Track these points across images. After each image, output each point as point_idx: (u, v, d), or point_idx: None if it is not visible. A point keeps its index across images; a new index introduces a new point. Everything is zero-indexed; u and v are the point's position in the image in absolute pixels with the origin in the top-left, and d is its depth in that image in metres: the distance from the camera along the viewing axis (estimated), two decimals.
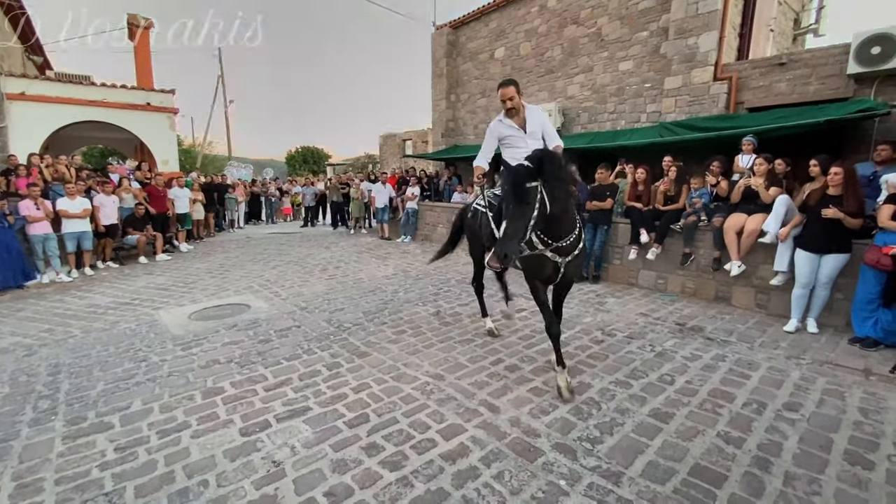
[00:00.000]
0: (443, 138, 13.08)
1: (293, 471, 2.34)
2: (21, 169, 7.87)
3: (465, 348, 3.98)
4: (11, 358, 4.08)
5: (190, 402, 3.08)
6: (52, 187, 7.72)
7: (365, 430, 2.70)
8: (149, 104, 12.04)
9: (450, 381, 3.33)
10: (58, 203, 7.22)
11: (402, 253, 8.86)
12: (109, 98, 11.51)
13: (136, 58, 13.41)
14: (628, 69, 8.82)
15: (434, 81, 13.19)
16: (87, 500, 2.17)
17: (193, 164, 19.56)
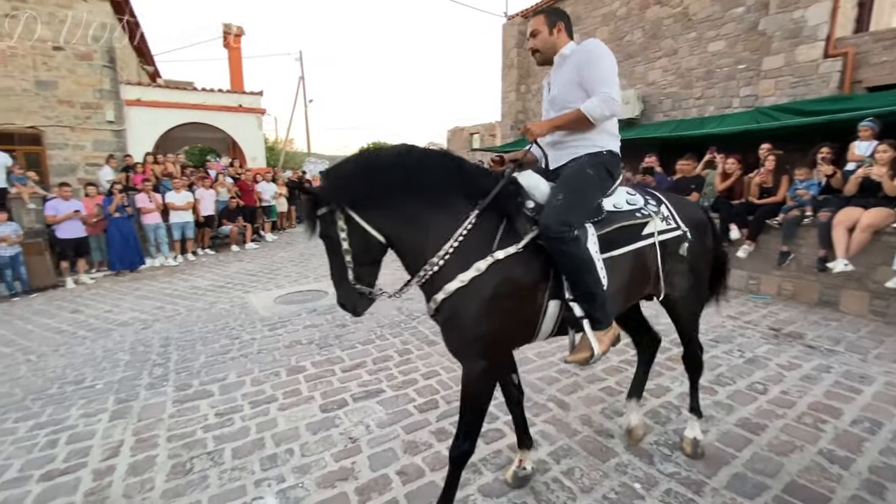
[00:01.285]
0: (512, 130, 12.90)
1: (368, 448, 2.47)
2: (137, 167, 8.99)
3: (533, 343, 3.91)
4: (131, 330, 4.70)
5: (276, 378, 3.37)
6: (161, 182, 8.73)
7: (434, 416, 2.77)
8: (240, 106, 13.14)
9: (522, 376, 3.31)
10: (166, 196, 8.17)
11: None
12: (208, 101, 12.73)
13: (229, 63, 14.69)
14: (719, 50, 8.08)
15: (504, 73, 13.03)
16: (193, 456, 2.46)
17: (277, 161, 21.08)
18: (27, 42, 10.13)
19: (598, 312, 1.77)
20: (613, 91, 1.87)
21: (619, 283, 1.92)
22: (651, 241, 2.02)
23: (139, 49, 14.61)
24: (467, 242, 1.70)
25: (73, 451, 2.58)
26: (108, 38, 10.93)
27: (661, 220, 2.07)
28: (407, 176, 1.70)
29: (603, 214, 1.93)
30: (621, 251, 1.93)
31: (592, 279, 1.75)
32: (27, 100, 10.28)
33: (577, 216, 1.79)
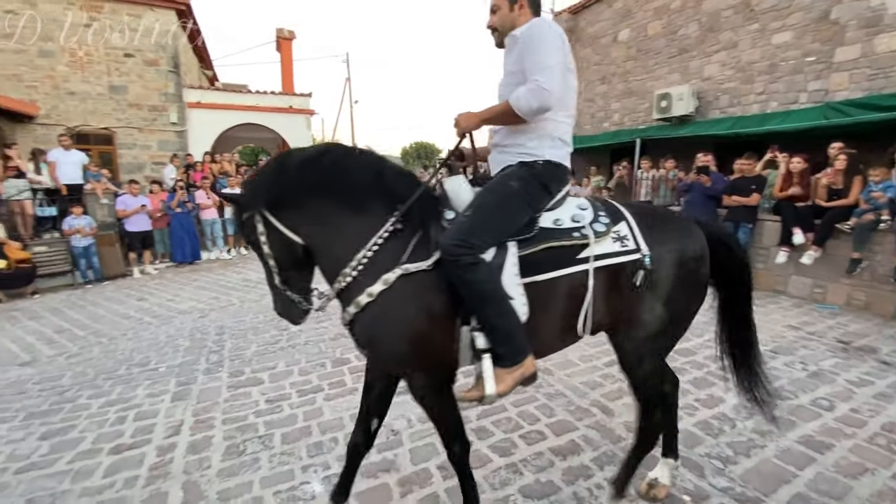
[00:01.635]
0: None
1: (409, 441, 2.51)
2: (197, 165, 9.56)
3: (575, 346, 3.82)
4: (190, 318, 5.02)
5: (322, 369, 3.49)
6: (218, 180, 9.24)
7: (474, 414, 2.77)
8: (291, 107, 13.68)
9: (559, 377, 3.26)
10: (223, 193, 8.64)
11: None
12: (261, 103, 13.34)
13: (281, 66, 15.31)
14: (784, 41, 7.56)
15: None
16: (245, 439, 2.60)
17: None
18: (102, 50, 11.01)
19: (502, 348, 1.54)
20: (546, 80, 1.55)
21: (548, 315, 1.64)
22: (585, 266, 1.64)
23: (200, 54, 15.54)
24: (381, 253, 1.58)
25: (139, 428, 2.79)
26: (172, 45, 11.69)
27: (614, 240, 1.68)
28: (322, 176, 1.60)
29: (533, 232, 1.65)
30: (547, 276, 1.62)
31: (495, 310, 1.52)
32: (101, 103, 11.18)
33: (481, 237, 1.55)
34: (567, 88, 1.71)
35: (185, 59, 12.83)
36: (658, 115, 9.08)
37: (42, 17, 10.38)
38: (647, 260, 1.66)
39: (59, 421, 2.94)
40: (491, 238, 1.59)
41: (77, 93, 10.93)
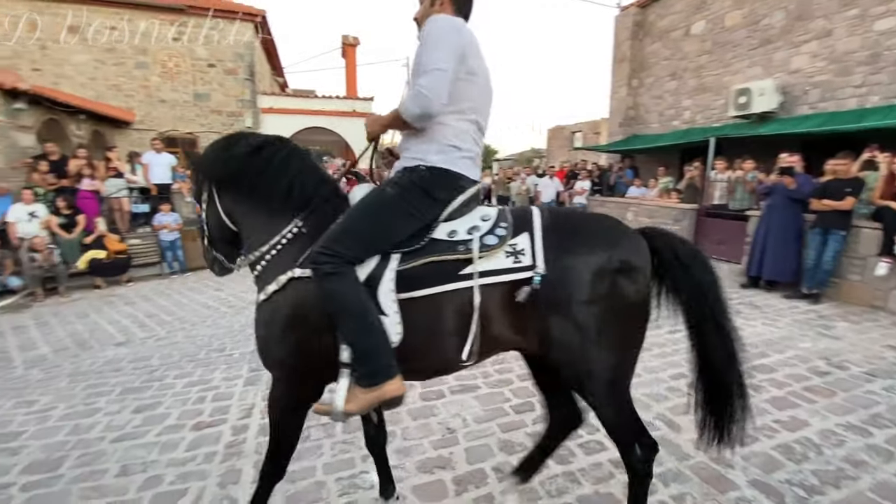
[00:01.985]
0: (620, 128, 12.16)
1: (464, 440, 2.53)
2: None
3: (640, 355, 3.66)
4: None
5: None
6: None
7: (531, 419, 2.74)
8: (354, 111, 14.22)
9: None
10: None
11: None
12: (327, 108, 14.00)
13: (346, 71, 15.97)
14: (889, 28, 6.75)
15: (614, 67, 12.32)
16: (309, 426, 2.73)
17: None
18: (189, 61, 12.07)
19: (359, 366, 1.46)
20: (428, 84, 1.43)
21: (425, 335, 1.51)
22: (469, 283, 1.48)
23: (273, 62, 16.57)
24: (282, 253, 1.59)
25: (216, 408, 3.02)
26: (249, 55, 12.57)
27: (508, 255, 1.51)
28: (256, 170, 1.66)
29: (421, 244, 1.53)
30: (424, 293, 1.49)
31: (355, 325, 1.43)
32: (187, 110, 12.27)
33: (347, 245, 1.48)
34: (462, 91, 1.55)
35: (260, 67, 13.75)
36: (735, 111, 8.45)
37: (138, 32, 11.57)
38: (537, 278, 1.46)
39: (149, 397, 3.26)
40: (359, 247, 1.50)
41: (167, 100, 12.08)
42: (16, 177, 7.49)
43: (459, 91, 1.54)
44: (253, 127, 12.78)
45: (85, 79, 11.38)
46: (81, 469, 2.42)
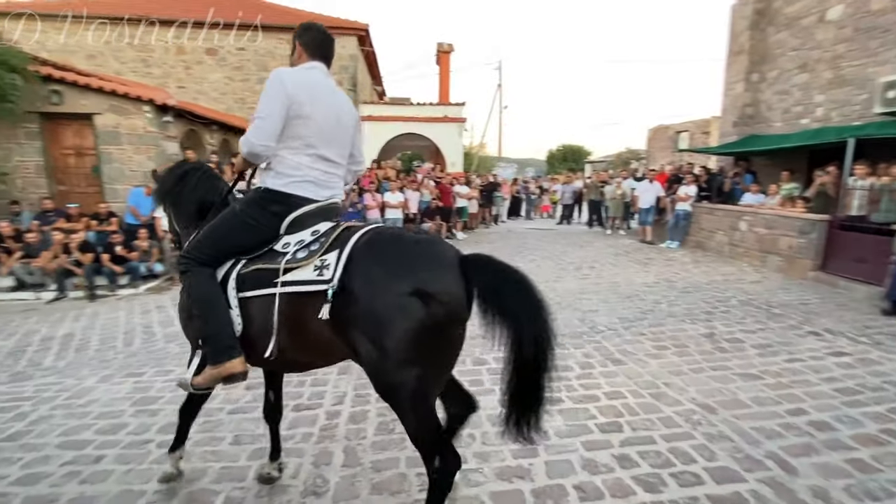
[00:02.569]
0: (735, 127, 10.97)
1: (545, 454, 2.47)
2: (365, 171, 10.88)
3: (748, 384, 3.28)
4: None
5: (462, 365, 3.65)
6: (382, 184, 10.38)
7: (618, 440, 2.59)
8: (445, 116, 14.60)
9: (724, 418, 2.83)
10: (385, 196, 9.68)
11: (667, 260, 7.97)
12: (420, 114, 14.55)
13: (439, 78, 16.46)
14: None
15: (730, 61, 11.15)
16: (393, 419, 2.85)
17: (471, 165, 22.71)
18: None
19: (207, 347, 1.82)
20: (252, 131, 1.77)
21: (255, 328, 1.79)
22: (274, 290, 1.72)
23: (373, 72, 17.63)
24: None
25: (313, 393, 3.30)
26: (353, 67, 13.53)
27: (315, 269, 1.67)
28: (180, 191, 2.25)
29: (262, 251, 1.85)
30: (253, 293, 1.79)
31: (201, 313, 1.81)
32: None
33: (199, 249, 1.89)
34: (295, 131, 1.83)
35: (361, 77, 14.72)
36: (882, 108, 7.18)
37: (261, 51, 13.05)
38: (330, 292, 1.59)
39: (258, 377, 3.64)
40: (207, 251, 1.88)
41: None
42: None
43: (292, 131, 1.84)
44: None
45: (218, 94, 13.13)
46: (203, 434, 2.80)
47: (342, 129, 1.99)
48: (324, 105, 1.90)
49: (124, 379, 3.75)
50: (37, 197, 8.23)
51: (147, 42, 12.75)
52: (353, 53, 13.49)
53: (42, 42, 12.19)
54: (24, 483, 2.40)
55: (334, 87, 2.03)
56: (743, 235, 7.92)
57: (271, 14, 13.64)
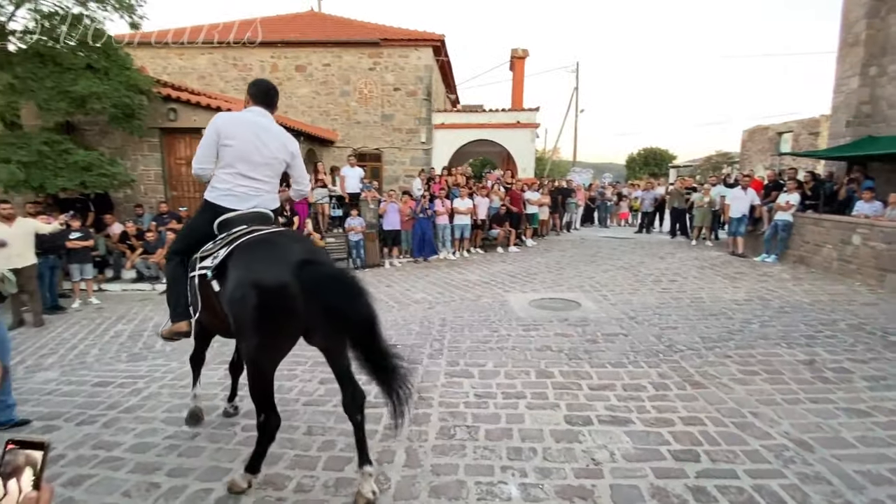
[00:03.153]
0: (848, 128, 9.66)
1: (610, 476, 2.35)
2: (436, 178, 11.12)
3: (854, 421, 2.87)
4: (421, 308, 5.89)
5: (526, 377, 3.59)
6: (452, 191, 10.54)
7: (693, 470, 2.40)
8: (518, 122, 14.47)
9: (823, 457, 2.50)
10: (454, 202, 9.82)
11: (761, 275, 7.20)
12: (492, 121, 14.57)
13: (512, 83, 16.37)
14: None
15: (842, 54, 9.86)
16: (455, 425, 2.91)
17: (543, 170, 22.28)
18: (379, 86, 13.98)
19: (170, 309, 2.55)
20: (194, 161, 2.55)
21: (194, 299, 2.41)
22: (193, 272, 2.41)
23: (447, 81, 18.01)
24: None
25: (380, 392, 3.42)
26: (428, 77, 13.93)
27: (212, 258, 2.29)
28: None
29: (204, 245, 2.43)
30: (191, 274, 2.42)
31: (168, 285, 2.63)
32: (375, 129, 14.22)
33: (173, 244, 2.72)
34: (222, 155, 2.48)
35: (435, 86, 15.09)
36: None
37: (344, 66, 13.90)
38: (209, 274, 2.26)
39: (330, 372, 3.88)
40: (177, 245, 2.64)
41: (361, 122, 14.21)
42: None
43: (221, 155, 2.48)
44: (426, 142, 14.12)
45: (304, 107, 14.18)
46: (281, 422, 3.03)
47: (267, 156, 2.53)
48: (246, 135, 2.46)
49: (218, 366, 4.18)
50: (155, 201, 9.46)
51: (248, 62, 14.14)
52: (428, 64, 13.88)
53: (164, 66, 14.04)
54: (136, 451, 2.77)
55: (268, 125, 2.56)
56: (856, 250, 6.93)
57: (353, 31, 14.50)
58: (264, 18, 15.74)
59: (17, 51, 7.82)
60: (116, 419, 3.20)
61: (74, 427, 3.12)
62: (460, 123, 14.60)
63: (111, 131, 9.15)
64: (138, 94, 8.39)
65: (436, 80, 15.19)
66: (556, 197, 13.27)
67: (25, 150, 7.29)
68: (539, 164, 25.10)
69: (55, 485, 2.46)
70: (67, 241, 6.92)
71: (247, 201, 2.51)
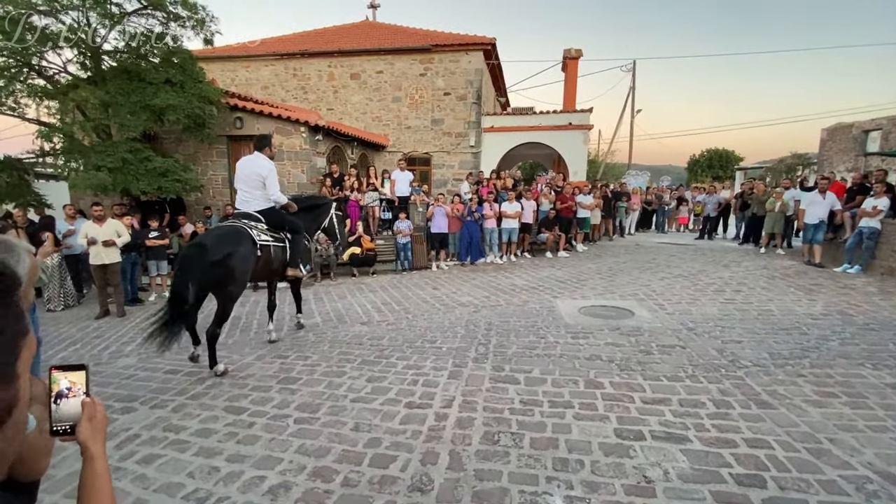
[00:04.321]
0: None
1: (664, 497, 2.22)
2: (484, 181, 11.08)
3: None
4: (467, 311, 5.88)
5: (574, 386, 3.48)
6: (500, 194, 10.46)
7: (759, 497, 2.21)
8: (570, 124, 14.13)
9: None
10: (502, 206, 9.74)
11: (842, 288, 6.53)
12: (543, 123, 14.33)
13: (565, 84, 16.01)
14: None
15: None
16: (500, 431, 2.87)
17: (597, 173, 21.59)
18: (430, 91, 14.18)
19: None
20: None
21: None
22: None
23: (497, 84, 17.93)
24: None
25: (424, 393, 3.47)
26: (478, 81, 13.95)
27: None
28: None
29: None
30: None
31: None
32: (425, 133, 14.42)
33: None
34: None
35: (485, 90, 15.07)
36: None
37: (396, 72, 14.23)
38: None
39: (378, 371, 3.98)
40: None
41: (412, 127, 14.47)
42: (312, 189, 10.22)
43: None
44: (475, 146, 14.13)
45: (358, 113, 14.66)
46: (330, 417, 3.14)
47: (248, 177, 4.54)
48: (239, 168, 4.61)
49: (273, 360, 4.40)
50: (222, 203, 10.15)
51: (307, 72, 14.86)
52: (478, 68, 13.90)
53: (232, 78, 15.05)
54: (200, 435, 2.98)
55: (254, 158, 4.57)
56: None
57: (406, 38, 14.82)
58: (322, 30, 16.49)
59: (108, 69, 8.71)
60: (184, 405, 3.46)
61: (148, 409, 3.41)
62: (510, 126, 14.49)
63: (185, 139, 9.94)
64: (209, 105, 9.06)
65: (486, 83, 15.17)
66: (610, 201, 12.80)
67: (112, 158, 8.09)
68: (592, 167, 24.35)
69: (131, 461, 2.70)
70: (147, 239, 7.59)
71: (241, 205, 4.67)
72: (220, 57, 14.72)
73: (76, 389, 0.83)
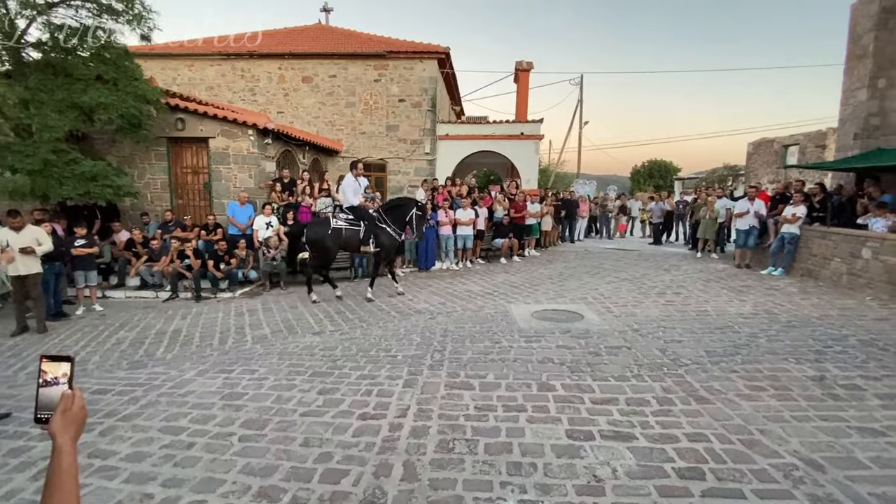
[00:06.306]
0: (856, 140, 9.61)
1: (613, 494, 2.29)
2: (439, 188, 11.12)
3: (868, 441, 2.78)
4: (423, 318, 5.84)
5: (527, 390, 3.53)
6: (455, 201, 10.53)
7: (698, 488, 2.32)
8: (522, 134, 14.52)
9: (834, 478, 2.41)
10: (456, 213, 9.80)
11: (768, 289, 7.10)
12: (496, 132, 14.62)
13: (517, 96, 16.44)
14: None
15: (849, 66, 9.85)
16: (455, 438, 2.85)
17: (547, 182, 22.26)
18: (384, 97, 14.10)
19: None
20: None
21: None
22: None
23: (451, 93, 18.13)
24: None
25: (378, 403, 3.39)
26: (432, 89, 14.04)
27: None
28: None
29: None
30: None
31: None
32: (380, 139, 14.30)
33: None
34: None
35: (440, 98, 15.19)
36: None
37: (350, 77, 14.05)
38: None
39: (331, 382, 3.85)
40: None
41: (366, 132, 14.31)
42: (260, 194, 9.83)
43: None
44: (430, 153, 14.18)
45: (311, 118, 14.31)
46: (278, 433, 2.99)
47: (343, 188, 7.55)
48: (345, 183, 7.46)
49: (217, 374, 4.15)
50: (161, 209, 9.53)
51: (255, 73, 14.33)
52: (433, 76, 14.00)
53: (174, 77, 14.25)
54: (131, 460, 2.74)
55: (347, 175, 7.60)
56: (866, 264, 6.82)
57: (360, 43, 14.67)
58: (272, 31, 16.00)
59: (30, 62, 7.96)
60: (113, 427, 3.17)
61: None
62: (465, 135, 14.67)
63: (119, 140, 9.26)
64: (146, 105, 8.49)
65: (441, 91, 15.30)
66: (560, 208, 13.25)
67: (32, 159, 7.37)
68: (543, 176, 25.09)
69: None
70: (73, 248, 6.96)
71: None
72: (160, 54, 13.91)
73: (60, 379, 0.88)
